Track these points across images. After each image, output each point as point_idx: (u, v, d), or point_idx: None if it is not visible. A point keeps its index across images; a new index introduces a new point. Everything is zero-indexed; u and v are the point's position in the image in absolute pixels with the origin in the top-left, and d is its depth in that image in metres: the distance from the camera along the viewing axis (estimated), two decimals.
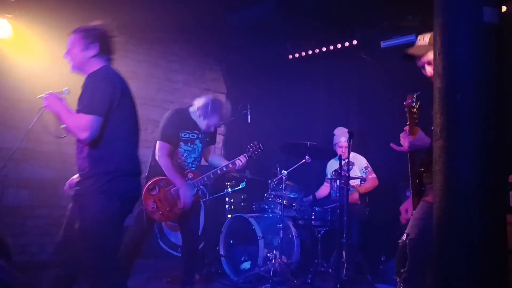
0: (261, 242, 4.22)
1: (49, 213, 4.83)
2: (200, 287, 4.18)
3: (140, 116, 6.03)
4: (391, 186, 4.75)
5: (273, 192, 4.57)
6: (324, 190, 5.16)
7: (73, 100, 4.02)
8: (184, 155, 3.55)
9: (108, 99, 2.39)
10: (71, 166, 4.22)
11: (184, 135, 3.53)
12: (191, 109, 3.62)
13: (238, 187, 5.02)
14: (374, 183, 4.83)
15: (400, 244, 2.30)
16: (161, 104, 6.02)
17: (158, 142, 3.46)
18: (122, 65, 5.59)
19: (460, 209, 1.15)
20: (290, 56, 5.82)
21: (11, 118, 4.67)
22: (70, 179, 2.85)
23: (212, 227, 4.96)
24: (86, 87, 2.44)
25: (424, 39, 2.38)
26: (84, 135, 2.33)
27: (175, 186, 3.39)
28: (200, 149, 3.63)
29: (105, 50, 2.60)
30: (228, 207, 5.07)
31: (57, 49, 4.75)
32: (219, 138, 6.41)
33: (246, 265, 4.37)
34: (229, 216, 4.71)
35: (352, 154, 4.83)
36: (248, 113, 5.03)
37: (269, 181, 4.61)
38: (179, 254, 4.76)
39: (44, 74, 4.58)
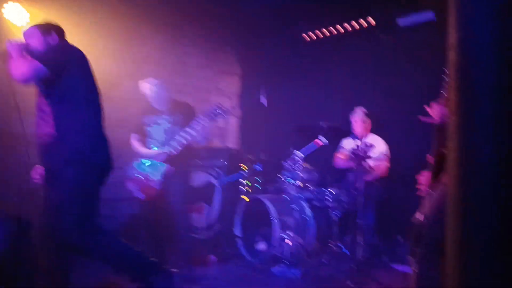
0: (275, 223, 4.24)
1: None
2: (217, 268, 4.25)
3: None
4: (408, 167, 4.70)
5: (287, 173, 4.56)
6: (340, 160, 5.05)
7: None
8: (152, 136, 3.97)
9: (59, 57, 2.62)
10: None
11: (145, 120, 4.03)
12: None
13: (254, 169, 5.03)
14: (383, 173, 4.74)
15: (415, 223, 2.28)
16: (175, 88, 6.03)
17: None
18: (136, 51, 5.69)
19: (474, 186, 1.12)
20: (306, 37, 5.75)
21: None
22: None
23: (228, 209, 4.99)
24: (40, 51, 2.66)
25: None
26: (20, 77, 2.48)
27: None
28: (168, 128, 3.91)
29: (61, 38, 2.87)
30: (244, 189, 5.09)
31: (71, 35, 4.82)
32: (234, 121, 6.41)
33: (261, 246, 4.40)
34: (245, 198, 4.73)
35: (374, 137, 4.79)
36: (263, 95, 5.01)
37: (284, 162, 4.61)
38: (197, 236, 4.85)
39: None
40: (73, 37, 4.78)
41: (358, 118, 4.78)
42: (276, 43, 5.93)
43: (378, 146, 4.76)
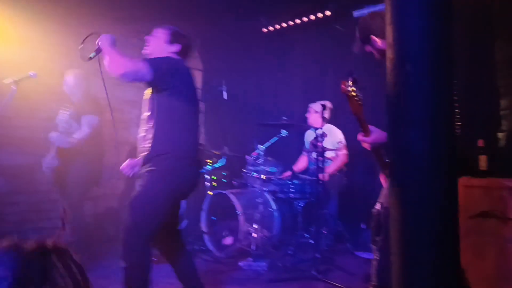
0: (241, 218, 4.27)
1: (27, 199, 4.80)
2: None
3: (116, 97, 5.97)
4: (369, 155, 4.81)
5: (251, 167, 4.59)
6: (302, 162, 5.18)
7: (40, 83, 4.00)
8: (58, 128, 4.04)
9: (169, 68, 2.48)
10: (44, 151, 4.23)
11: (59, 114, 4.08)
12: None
13: (218, 164, 5.04)
14: (344, 160, 4.83)
15: (374, 213, 2.34)
16: (136, 84, 5.92)
17: None
18: (93, 46, 5.54)
19: (412, 177, 1.18)
20: (265, 30, 5.76)
21: None
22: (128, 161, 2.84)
23: (193, 205, 4.98)
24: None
25: (357, 33, 2.46)
26: (120, 70, 2.41)
27: None
28: (66, 119, 4.02)
29: (183, 55, 2.74)
30: (208, 184, 5.09)
31: (25, 32, 4.69)
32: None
33: (228, 240, 4.43)
34: (210, 193, 4.73)
35: (328, 126, 4.86)
36: (224, 89, 5.00)
37: (247, 156, 4.63)
38: None
39: (13, 58, 4.47)
40: (26, 35, 4.70)
41: (312, 110, 4.86)
42: (236, 36, 5.92)
43: (333, 135, 4.83)
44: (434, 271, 1.18)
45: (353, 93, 2.13)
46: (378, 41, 2.35)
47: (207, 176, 5.08)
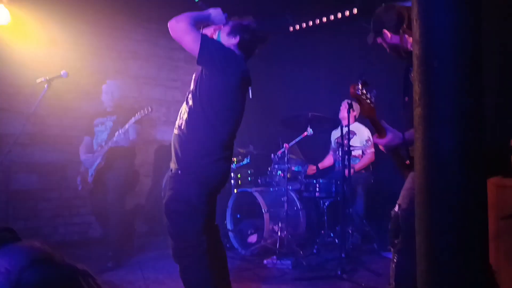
0: (266, 216, 4.28)
1: (59, 195, 4.94)
2: None
3: (143, 95, 6.08)
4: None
5: (276, 166, 4.59)
6: (329, 160, 5.16)
7: (71, 82, 4.10)
8: (98, 135, 4.18)
9: (219, 52, 2.41)
10: (76, 148, 4.34)
11: (96, 121, 4.22)
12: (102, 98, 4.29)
13: (243, 162, 5.06)
14: (371, 159, 4.78)
15: (392, 215, 2.30)
16: (164, 83, 6.03)
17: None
18: (123, 46, 5.71)
19: (439, 175, 1.15)
20: (291, 28, 5.74)
21: (16, 104, 4.72)
22: None
23: (219, 203, 5.01)
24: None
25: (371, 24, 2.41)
26: (174, 24, 2.43)
27: None
28: (110, 127, 4.15)
29: (243, 48, 2.62)
30: (234, 182, 5.12)
31: (55, 33, 4.84)
32: None
33: (253, 238, 4.45)
34: (235, 191, 4.76)
35: (356, 125, 4.82)
36: (249, 88, 5.00)
37: (272, 155, 4.63)
38: None
39: (45, 58, 4.61)
40: (56, 36, 4.84)
41: (344, 107, 4.83)
42: (268, 35, 5.91)
43: (361, 134, 4.80)
44: (461, 273, 1.15)
45: (363, 96, 2.11)
46: (389, 35, 2.29)
47: (232, 174, 5.11)
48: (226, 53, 2.46)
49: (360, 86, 2.11)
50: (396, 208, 2.28)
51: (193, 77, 2.59)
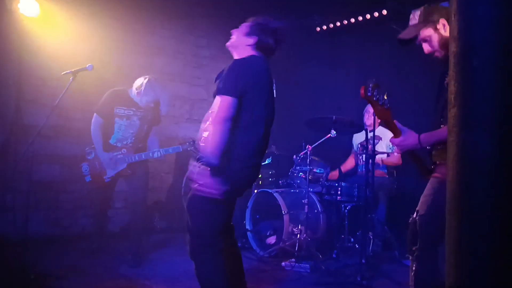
0: (286, 217, 4.22)
1: (81, 188, 4.98)
2: None
3: (171, 91, 6.06)
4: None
5: (298, 167, 4.52)
6: (350, 163, 5.06)
7: (97, 76, 4.12)
8: (121, 129, 3.96)
9: (241, 83, 2.35)
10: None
11: (119, 111, 3.94)
12: (131, 89, 3.99)
13: (264, 163, 5.00)
14: (398, 161, 4.67)
15: (410, 221, 2.23)
16: (189, 80, 6.03)
17: (94, 115, 3.97)
18: (149, 41, 5.73)
19: (474, 183, 1.08)
20: (318, 29, 5.67)
21: (42, 96, 4.79)
22: None
23: (238, 202, 4.97)
24: (226, 70, 2.43)
25: (415, 17, 2.27)
26: (221, 115, 2.29)
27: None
28: (138, 125, 4.01)
29: (261, 48, 2.58)
30: (255, 182, 5.06)
31: (83, 26, 4.89)
32: None
33: (272, 239, 4.39)
34: (255, 191, 4.71)
35: (381, 129, 4.71)
36: (274, 88, 4.94)
37: (294, 156, 4.57)
38: None
39: (72, 52, 4.67)
40: (83, 30, 4.88)
41: (370, 110, 4.72)
42: (289, 34, 5.86)
43: (387, 138, 4.69)
44: (493, 284, 1.07)
45: (374, 98, 2.05)
46: (447, 27, 2.14)
47: None
48: (243, 78, 2.37)
49: (370, 88, 2.05)
50: (415, 215, 2.21)
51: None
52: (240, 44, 2.57)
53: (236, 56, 2.56)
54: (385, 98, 2.12)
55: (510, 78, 1.06)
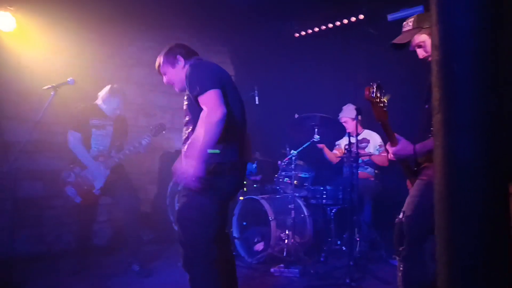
0: (273, 223, 4.24)
1: (64, 203, 4.90)
2: None
3: (148, 102, 6.07)
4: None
5: (283, 173, 4.56)
6: (333, 155, 5.05)
7: (77, 89, 4.09)
8: (99, 140, 4.04)
9: (216, 75, 2.41)
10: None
11: (94, 121, 4.03)
12: (97, 101, 4.12)
13: (249, 170, 5.02)
14: (384, 162, 4.76)
15: (396, 222, 2.28)
16: (168, 89, 5.88)
17: (68, 133, 4.01)
18: (128, 53, 5.69)
19: (460, 184, 1.12)
20: (297, 34, 5.74)
21: (22, 112, 4.71)
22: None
23: None
24: (188, 75, 2.44)
25: (409, 23, 2.36)
26: (217, 115, 2.27)
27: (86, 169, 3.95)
28: (111, 134, 4.09)
29: (189, 55, 2.68)
30: (243, 186, 5.08)
31: (60, 40, 4.85)
32: None
33: (259, 246, 4.40)
34: (241, 198, 4.72)
35: (368, 132, 4.80)
36: (256, 94, 4.99)
37: (279, 161, 4.60)
38: None
39: (50, 66, 4.62)
40: (61, 43, 4.84)
41: (347, 117, 4.79)
42: (268, 42, 5.92)
43: (373, 140, 4.79)
44: (484, 284, 1.12)
45: (377, 100, 2.10)
46: None
47: None
48: (204, 70, 2.45)
49: (374, 89, 2.09)
50: (401, 215, 2.26)
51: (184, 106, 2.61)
52: (178, 75, 2.62)
53: (179, 85, 2.64)
54: (385, 100, 2.16)
55: (490, 83, 1.11)
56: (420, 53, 2.33)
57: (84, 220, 4.17)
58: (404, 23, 2.39)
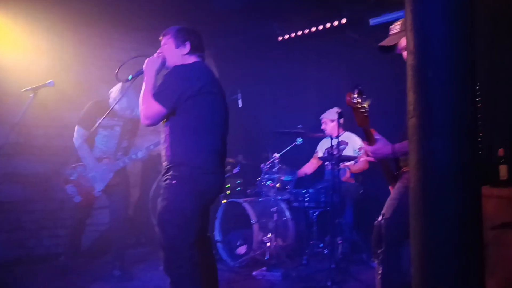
0: (255, 226, 4.24)
1: (44, 207, 4.84)
2: None
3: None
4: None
5: (266, 176, 4.56)
6: (311, 166, 5.10)
7: (57, 92, 4.03)
8: (104, 140, 3.94)
9: (178, 94, 2.41)
10: (62, 159, 4.25)
11: (103, 121, 3.83)
12: (110, 100, 3.94)
13: (232, 172, 5.02)
14: (365, 166, 4.80)
15: (375, 225, 2.29)
16: None
17: (75, 127, 3.88)
18: (109, 54, 5.64)
19: (435, 187, 1.14)
20: (279, 38, 5.75)
21: (0, 114, 4.62)
22: None
23: None
24: (166, 76, 2.48)
25: (395, 27, 2.39)
26: (145, 122, 2.43)
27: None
28: (119, 135, 4.00)
29: (196, 48, 2.65)
30: (223, 190, 5.06)
31: (40, 41, 4.77)
32: None
33: (242, 249, 4.40)
34: (223, 201, 4.71)
35: (347, 134, 4.83)
36: (239, 97, 4.99)
37: (262, 165, 4.61)
38: None
39: (30, 67, 4.55)
40: (42, 45, 4.77)
41: (327, 118, 4.82)
42: (251, 45, 5.93)
43: (353, 143, 4.81)
44: (457, 285, 1.13)
45: (359, 105, 2.12)
46: None
47: None
48: (185, 84, 2.44)
49: (356, 95, 2.11)
50: (380, 218, 2.27)
51: None
52: (176, 58, 2.59)
53: (167, 62, 2.62)
54: (367, 106, 2.17)
55: (463, 88, 1.13)
56: (406, 55, 2.35)
57: (80, 220, 4.07)
58: (392, 26, 2.41)
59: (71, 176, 3.88)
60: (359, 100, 2.13)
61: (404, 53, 2.36)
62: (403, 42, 2.32)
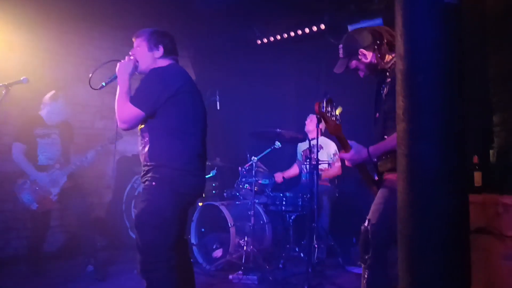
0: (232, 230, 4.21)
1: (13, 207, 4.66)
2: None
3: (105, 105, 5.91)
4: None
5: (244, 179, 4.54)
6: (294, 170, 5.20)
7: (31, 89, 3.91)
8: (46, 148, 4.04)
9: (156, 96, 2.38)
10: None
11: (38, 131, 4.04)
12: (41, 110, 4.13)
13: (208, 175, 4.96)
14: (337, 172, 4.86)
15: (362, 230, 2.30)
16: None
17: (13, 145, 4.01)
18: (85, 52, 5.52)
19: (423, 192, 1.15)
20: (259, 41, 5.76)
21: None
22: None
23: None
24: (142, 80, 2.45)
25: (340, 52, 2.47)
26: (123, 126, 2.41)
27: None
28: (59, 142, 4.12)
29: (170, 51, 2.58)
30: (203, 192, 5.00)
31: (14, 37, 4.62)
32: None
33: (218, 253, 4.35)
34: (200, 204, 4.66)
35: (323, 139, 4.86)
36: (217, 99, 4.96)
37: (240, 168, 4.58)
38: None
39: (2, 64, 4.40)
40: (14, 40, 4.62)
41: (309, 120, 4.89)
42: (230, 47, 5.91)
43: (328, 147, 4.87)
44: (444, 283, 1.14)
45: (328, 114, 2.14)
46: (366, 54, 2.36)
47: None
48: (161, 86, 2.41)
49: (324, 104, 2.13)
50: (366, 223, 2.28)
51: None
52: (149, 61, 2.54)
53: (139, 66, 2.56)
54: (337, 114, 2.19)
55: (452, 93, 1.14)
56: (360, 74, 2.49)
57: (40, 226, 4.11)
58: (339, 48, 2.48)
59: (24, 185, 3.95)
60: (328, 109, 2.15)
61: (358, 72, 2.47)
62: (351, 65, 2.45)
